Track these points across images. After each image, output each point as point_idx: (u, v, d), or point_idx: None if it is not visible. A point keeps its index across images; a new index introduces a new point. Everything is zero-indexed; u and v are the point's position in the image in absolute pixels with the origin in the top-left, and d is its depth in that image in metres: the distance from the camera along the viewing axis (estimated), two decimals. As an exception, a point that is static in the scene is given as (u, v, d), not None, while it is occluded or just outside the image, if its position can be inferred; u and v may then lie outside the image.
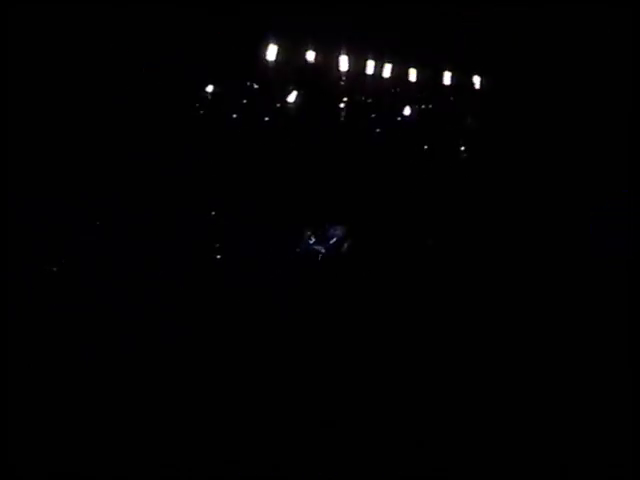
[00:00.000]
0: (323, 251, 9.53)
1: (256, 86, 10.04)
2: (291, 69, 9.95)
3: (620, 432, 7.18)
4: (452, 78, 10.09)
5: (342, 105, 10.26)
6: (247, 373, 8.03)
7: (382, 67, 10.06)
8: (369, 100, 10.30)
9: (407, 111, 10.31)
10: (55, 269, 8.59)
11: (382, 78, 10.11)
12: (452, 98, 10.30)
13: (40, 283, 8.40)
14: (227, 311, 8.63)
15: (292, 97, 10.06)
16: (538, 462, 7.19)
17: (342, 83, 10.13)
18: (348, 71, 10.04)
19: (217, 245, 9.34)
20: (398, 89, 10.24)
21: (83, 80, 9.01)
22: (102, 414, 7.47)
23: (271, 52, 9.75)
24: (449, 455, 7.33)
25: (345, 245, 9.63)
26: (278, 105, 10.10)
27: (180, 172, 9.34)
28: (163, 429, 7.45)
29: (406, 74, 10.11)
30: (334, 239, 9.64)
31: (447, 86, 10.20)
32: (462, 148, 10.20)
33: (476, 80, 10.12)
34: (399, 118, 10.33)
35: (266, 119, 10.05)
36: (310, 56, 9.87)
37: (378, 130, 10.28)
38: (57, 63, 8.84)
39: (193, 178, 9.39)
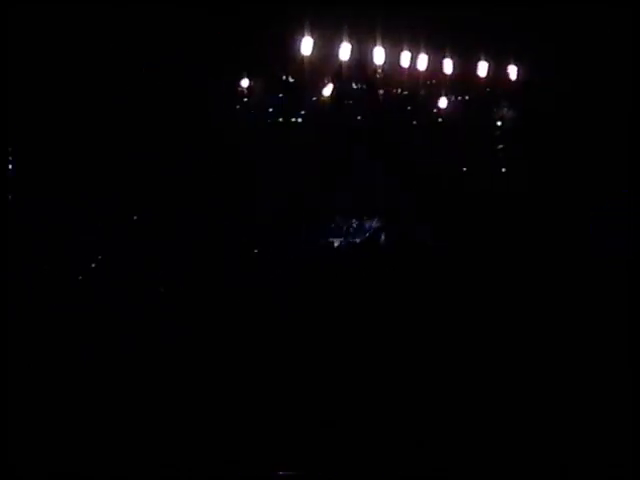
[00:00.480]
0: (358, 242, 9.58)
1: (291, 80, 10.06)
2: (326, 62, 9.94)
3: (620, 432, 7.18)
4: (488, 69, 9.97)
5: (378, 97, 10.26)
6: (248, 374, 8.05)
7: (416, 59, 9.99)
8: (405, 92, 10.27)
9: (443, 103, 10.23)
10: (55, 269, 8.60)
11: (417, 70, 10.05)
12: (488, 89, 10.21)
13: (40, 283, 8.42)
14: (239, 308, 8.65)
15: (328, 90, 10.06)
16: (538, 462, 7.20)
17: (378, 75, 10.09)
18: (383, 63, 9.99)
19: (246, 240, 9.33)
20: (434, 81, 10.18)
21: (88, 81, 9.01)
22: (102, 414, 7.52)
23: (306, 45, 9.71)
24: (449, 455, 7.34)
25: (380, 237, 9.67)
26: (314, 98, 10.12)
27: (208, 167, 9.35)
28: (163, 429, 7.48)
29: (441, 65, 10.03)
30: (369, 231, 9.69)
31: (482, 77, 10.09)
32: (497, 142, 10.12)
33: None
34: (435, 110, 10.28)
35: (302, 112, 10.06)
36: (345, 49, 9.82)
37: (415, 122, 10.26)
38: (56, 64, 8.84)
39: (221, 173, 9.40)
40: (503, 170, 9.98)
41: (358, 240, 9.72)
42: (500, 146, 10.06)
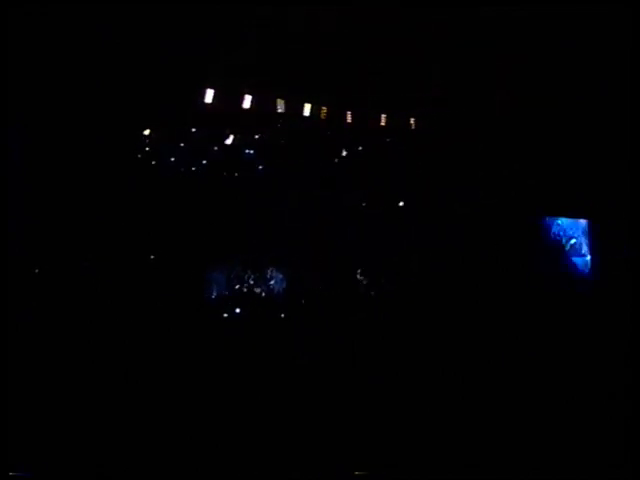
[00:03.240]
0: (263, 294, 9.57)
1: (193, 130, 10.05)
2: (227, 112, 10.01)
3: (620, 432, 7.42)
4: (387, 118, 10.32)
5: (281, 148, 10.37)
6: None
7: (319, 109, 10.28)
8: (306, 142, 10.45)
9: (344, 153, 10.49)
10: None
11: (319, 120, 10.31)
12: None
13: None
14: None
15: (229, 140, 10.13)
16: (538, 462, 7.34)
17: (279, 126, 10.26)
18: (284, 113, 10.19)
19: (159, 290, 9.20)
20: (334, 131, 10.45)
21: None
22: (102, 416, 7.34)
23: (207, 95, 9.80)
24: (449, 455, 7.40)
25: (284, 287, 9.69)
26: (215, 148, 10.13)
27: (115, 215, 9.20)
28: (163, 430, 7.38)
29: (342, 116, 10.34)
30: (274, 281, 9.70)
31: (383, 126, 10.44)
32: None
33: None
34: (336, 160, 10.50)
35: (203, 162, 10.04)
36: (247, 99, 9.97)
37: (316, 172, 10.42)
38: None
39: (129, 222, 9.25)
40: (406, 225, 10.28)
41: (258, 290, 9.77)
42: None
